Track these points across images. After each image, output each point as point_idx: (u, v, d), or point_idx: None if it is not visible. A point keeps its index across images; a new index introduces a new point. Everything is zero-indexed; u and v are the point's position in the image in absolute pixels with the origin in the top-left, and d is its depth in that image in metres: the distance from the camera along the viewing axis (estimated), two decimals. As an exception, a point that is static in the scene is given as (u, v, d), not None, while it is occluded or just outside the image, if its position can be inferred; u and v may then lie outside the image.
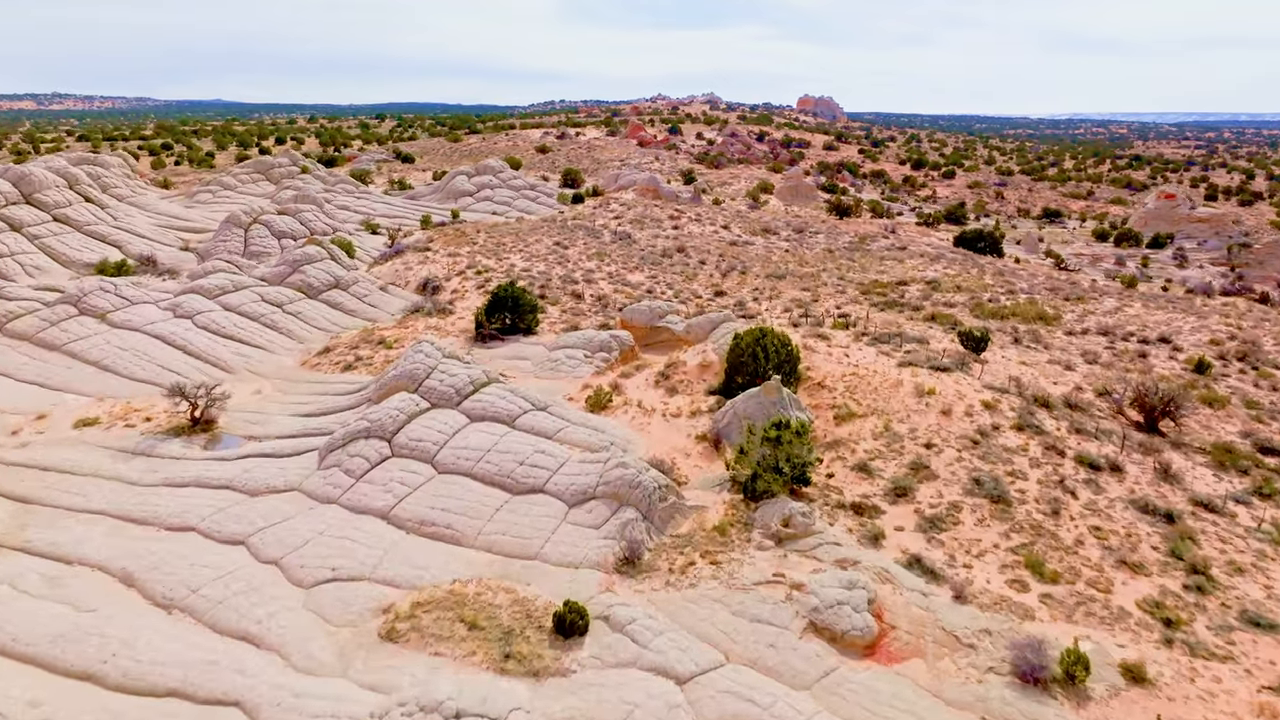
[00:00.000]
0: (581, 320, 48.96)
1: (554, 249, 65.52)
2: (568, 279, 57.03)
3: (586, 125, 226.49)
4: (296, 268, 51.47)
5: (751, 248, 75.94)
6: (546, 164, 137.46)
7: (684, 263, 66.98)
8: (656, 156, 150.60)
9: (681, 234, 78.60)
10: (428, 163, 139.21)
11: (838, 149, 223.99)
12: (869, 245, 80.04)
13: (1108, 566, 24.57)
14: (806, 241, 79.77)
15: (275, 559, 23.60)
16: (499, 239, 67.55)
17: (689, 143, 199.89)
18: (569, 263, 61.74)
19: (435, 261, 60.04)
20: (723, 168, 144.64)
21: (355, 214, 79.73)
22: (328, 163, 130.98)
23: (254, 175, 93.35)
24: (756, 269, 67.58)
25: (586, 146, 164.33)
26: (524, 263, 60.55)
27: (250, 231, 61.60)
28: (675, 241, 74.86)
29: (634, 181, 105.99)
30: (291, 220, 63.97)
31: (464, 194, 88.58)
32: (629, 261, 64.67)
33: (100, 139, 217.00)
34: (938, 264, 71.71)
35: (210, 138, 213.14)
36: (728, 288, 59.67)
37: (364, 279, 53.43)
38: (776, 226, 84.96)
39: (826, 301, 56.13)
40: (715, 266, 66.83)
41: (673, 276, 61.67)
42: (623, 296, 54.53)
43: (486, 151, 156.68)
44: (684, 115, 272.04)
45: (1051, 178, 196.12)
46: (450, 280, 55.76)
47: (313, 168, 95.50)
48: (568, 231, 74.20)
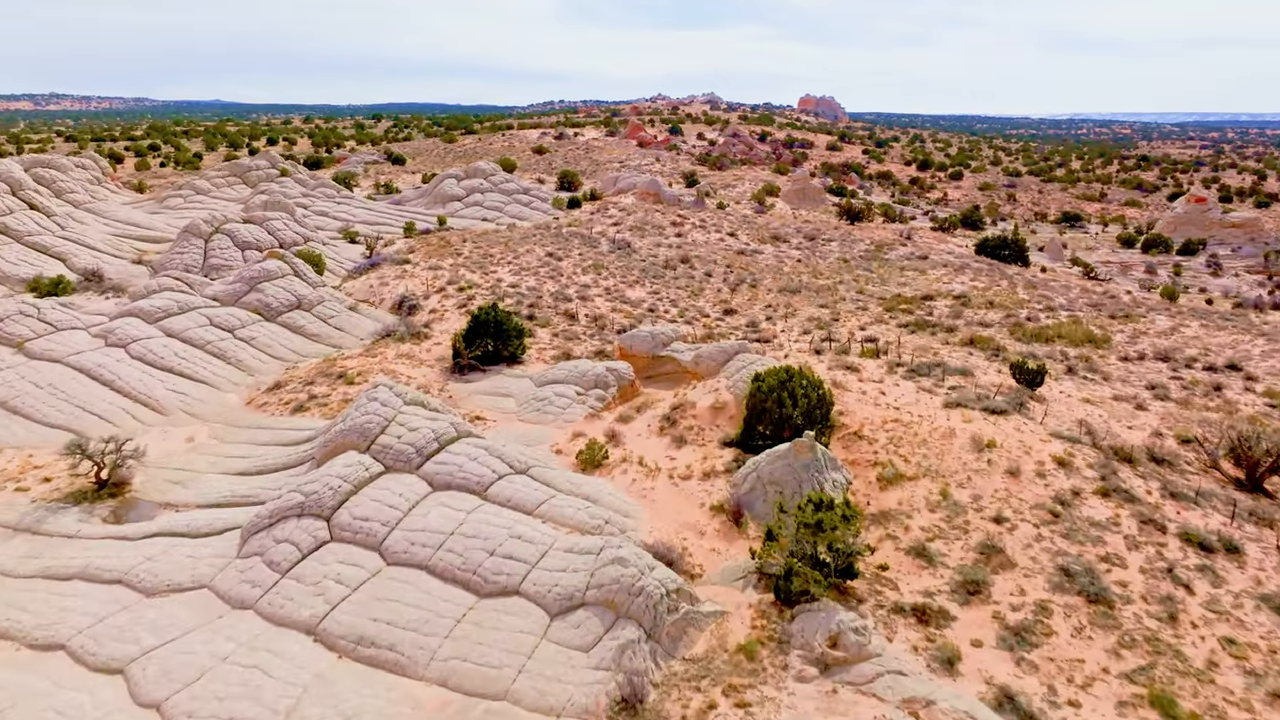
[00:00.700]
0: (575, 345, 43.00)
1: (546, 260, 59.53)
2: (560, 296, 51.05)
3: (585, 126, 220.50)
4: (254, 285, 45.48)
5: (761, 257, 69.98)
6: (543, 166, 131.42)
7: (689, 275, 61.00)
8: (657, 158, 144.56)
9: (685, 242, 72.60)
10: (420, 165, 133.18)
11: (841, 149, 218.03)
12: (886, 253, 74.09)
13: (1258, 703, 18.61)
14: (819, 250, 73.79)
15: (157, 701, 17.62)
16: (486, 249, 61.56)
17: (690, 143, 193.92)
18: (562, 276, 55.76)
19: (414, 276, 54.04)
20: (726, 169, 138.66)
21: (334, 221, 73.72)
22: (314, 164, 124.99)
23: (230, 178, 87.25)
24: (768, 281, 61.69)
25: (585, 147, 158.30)
26: (512, 277, 54.57)
27: (211, 243, 55.59)
28: (679, 251, 68.86)
29: (634, 185, 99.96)
30: (258, 230, 57.94)
31: (452, 199, 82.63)
32: (628, 274, 58.70)
33: (89, 139, 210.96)
34: (963, 275, 65.78)
35: (201, 139, 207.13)
36: (738, 304, 53.68)
37: (332, 297, 47.43)
38: (787, 233, 78.97)
39: (848, 321, 50.18)
40: (723, 279, 60.87)
41: (677, 292, 55.69)
42: (622, 316, 48.56)
43: (481, 153, 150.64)
44: (684, 115, 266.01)
45: (1060, 179, 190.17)
46: (429, 298, 49.76)
47: (293, 170, 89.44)
48: (562, 240, 68.22)
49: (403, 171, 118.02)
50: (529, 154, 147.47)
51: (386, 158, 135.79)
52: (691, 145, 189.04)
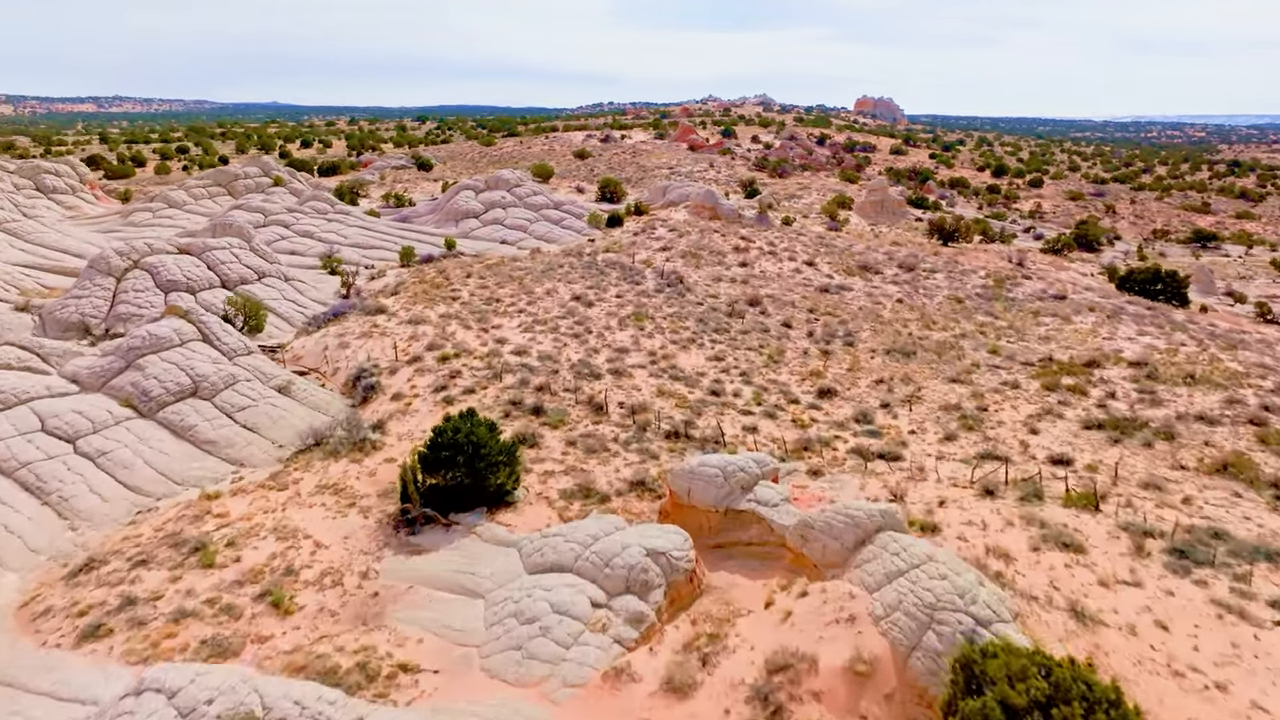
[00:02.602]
0: (600, 467, 27.05)
1: (571, 307, 43.67)
2: (585, 368, 35.11)
3: (633, 128, 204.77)
4: (133, 360, 30.33)
5: (850, 296, 53.34)
6: (584, 172, 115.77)
7: (761, 327, 44.68)
8: (711, 163, 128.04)
9: (753, 274, 56.23)
10: (449, 170, 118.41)
11: (906, 153, 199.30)
12: (1008, 290, 56.94)
13: None
14: (922, 285, 56.91)
15: None
16: (494, 290, 45.86)
17: (744, 147, 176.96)
18: (591, 334, 39.83)
19: (386, 333, 38.48)
20: (787, 176, 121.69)
21: (318, 244, 58.75)
22: (330, 170, 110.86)
23: (212, 189, 72.97)
24: (867, 335, 45.15)
25: (632, 151, 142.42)
26: (521, 335, 38.76)
27: (125, 282, 40.79)
28: (745, 288, 52.56)
29: (686, 196, 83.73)
30: (193, 263, 42.95)
31: (468, 215, 67.32)
32: (681, 327, 42.58)
33: (119, 141, 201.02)
34: (1122, 325, 48.56)
35: (235, 141, 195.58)
36: (834, 377, 37.30)
37: (254, 374, 32.05)
38: (877, 261, 62.15)
39: (1000, 409, 33.59)
40: (808, 332, 44.46)
41: (748, 356, 39.46)
42: (672, 405, 32.47)
43: (519, 157, 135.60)
44: (737, 117, 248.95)
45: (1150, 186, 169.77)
46: (398, 372, 34.16)
47: (289, 180, 74.87)
48: (595, 274, 52.30)
49: (426, 179, 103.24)
50: (570, 159, 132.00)
51: (414, 162, 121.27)
52: (746, 149, 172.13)
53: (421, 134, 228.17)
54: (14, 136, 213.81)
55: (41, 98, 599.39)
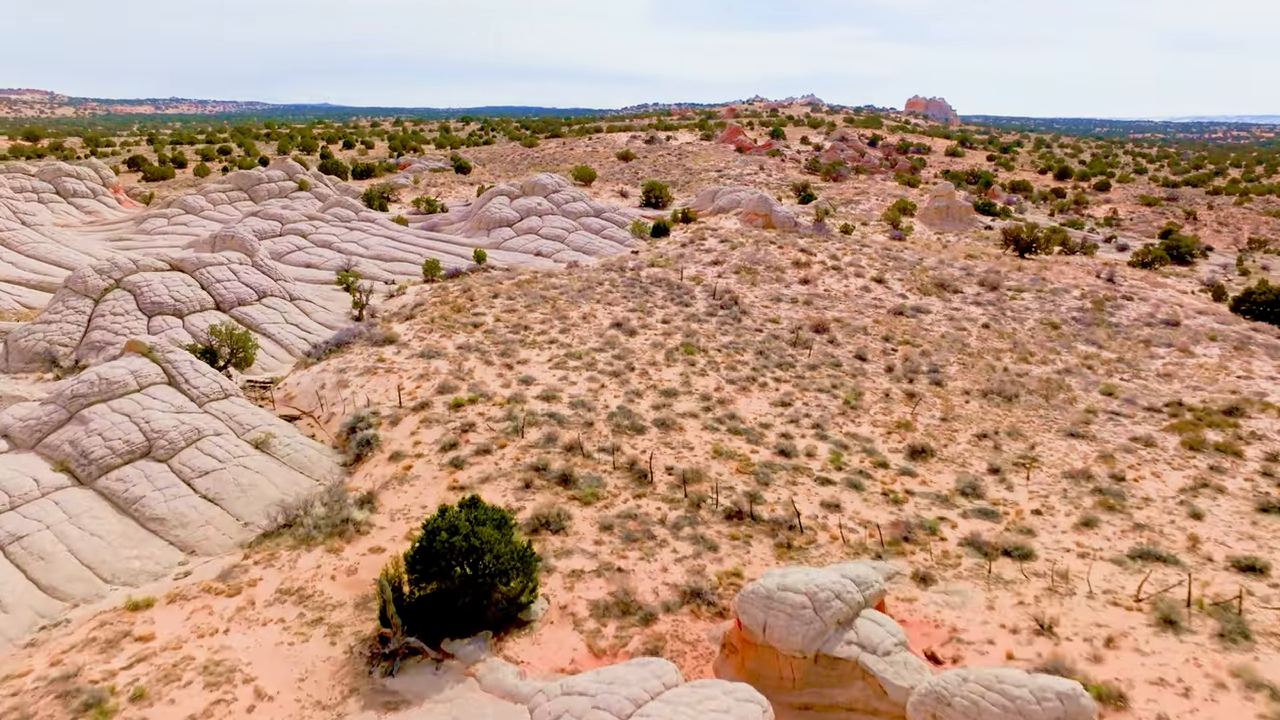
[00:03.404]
0: (643, 565, 20.78)
1: (610, 338, 37.45)
2: (625, 416, 28.83)
3: (678, 128, 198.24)
4: (76, 411, 24.75)
5: (929, 320, 46.39)
6: (628, 175, 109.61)
7: (830, 359, 38.01)
8: (761, 166, 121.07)
9: (816, 294, 49.51)
10: (488, 173, 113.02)
11: (963, 155, 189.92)
12: (1109, 313, 49.50)
13: None
14: (1009, 306, 49.69)
15: None
16: (522, 315, 39.80)
17: (793, 148, 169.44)
18: (633, 371, 33.52)
19: (395, 368, 32.55)
20: (842, 179, 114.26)
21: (335, 255, 53.28)
22: (364, 173, 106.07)
23: (233, 193, 68.12)
24: (954, 369, 38.30)
25: (677, 153, 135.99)
26: (550, 374, 32.56)
27: (104, 304, 35.48)
28: (809, 310, 45.93)
29: (737, 202, 77.16)
30: (184, 282, 37.53)
31: (501, 223, 61.47)
32: (738, 361, 36.11)
33: (165, 142, 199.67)
34: (1252, 358, 41.11)
35: (278, 142, 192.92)
36: (926, 429, 30.58)
37: (226, 423, 26.33)
38: (954, 277, 54.99)
39: (1143, 480, 26.63)
40: (885, 367, 37.70)
41: (820, 400, 32.85)
42: (732, 470, 26.07)
43: (561, 159, 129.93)
44: (785, 117, 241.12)
45: (1226, 190, 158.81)
46: (401, 423, 28.17)
47: (314, 184, 69.75)
48: (639, 293, 46.03)
49: (462, 182, 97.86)
50: (613, 161, 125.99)
51: (452, 165, 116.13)
52: (795, 150, 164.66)
53: (464, 135, 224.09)
54: (66, 137, 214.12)
55: (103, 99, 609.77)
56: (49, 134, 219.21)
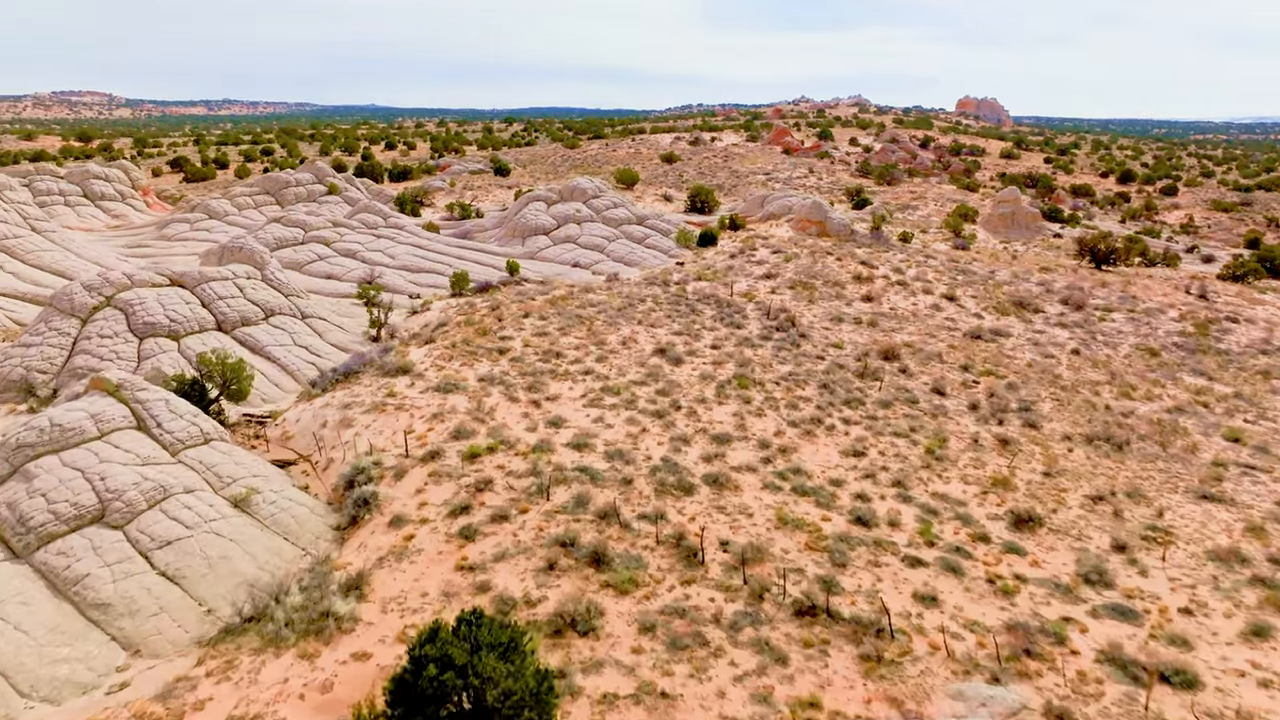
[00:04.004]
0: (692, 688, 16.13)
1: (652, 368, 32.76)
2: (671, 470, 24.16)
3: (723, 129, 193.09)
4: (20, 464, 20.76)
5: (1010, 345, 41.04)
6: (672, 178, 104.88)
7: (903, 393, 32.94)
8: (810, 169, 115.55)
9: (880, 312, 44.38)
10: (527, 175, 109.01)
11: (1018, 157, 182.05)
12: (1214, 337, 43.68)
13: None
14: (1099, 330, 44.08)
15: None
16: (554, 339, 35.27)
17: (842, 150, 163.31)
18: (679, 411, 28.80)
19: (406, 405, 28.21)
20: (896, 183, 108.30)
21: (359, 266, 49.29)
22: (401, 175, 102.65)
23: (259, 196, 64.70)
24: (1047, 406, 33.11)
25: (723, 155, 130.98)
26: (583, 415, 27.96)
27: (92, 324, 31.70)
28: (875, 333, 40.88)
29: (789, 208, 72.09)
30: (182, 299, 33.63)
31: (536, 231, 57.12)
32: (799, 398, 31.21)
33: (211, 142, 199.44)
34: (1397, 397, 35.17)
35: (321, 142, 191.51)
36: (1027, 487, 25.45)
37: (202, 475, 22.20)
38: (1032, 294, 49.44)
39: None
40: (969, 404, 32.55)
41: (897, 447, 27.87)
42: (800, 545, 21.25)
43: (603, 161, 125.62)
44: (832, 118, 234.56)
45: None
46: (407, 476, 23.78)
47: (344, 187, 66.09)
48: (684, 312, 41.31)
49: (500, 185, 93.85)
50: (657, 163, 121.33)
51: (491, 167, 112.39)
52: (844, 152, 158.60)
53: (507, 136, 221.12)
54: (117, 138, 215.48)
55: (158, 101, 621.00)
56: (101, 135, 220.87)
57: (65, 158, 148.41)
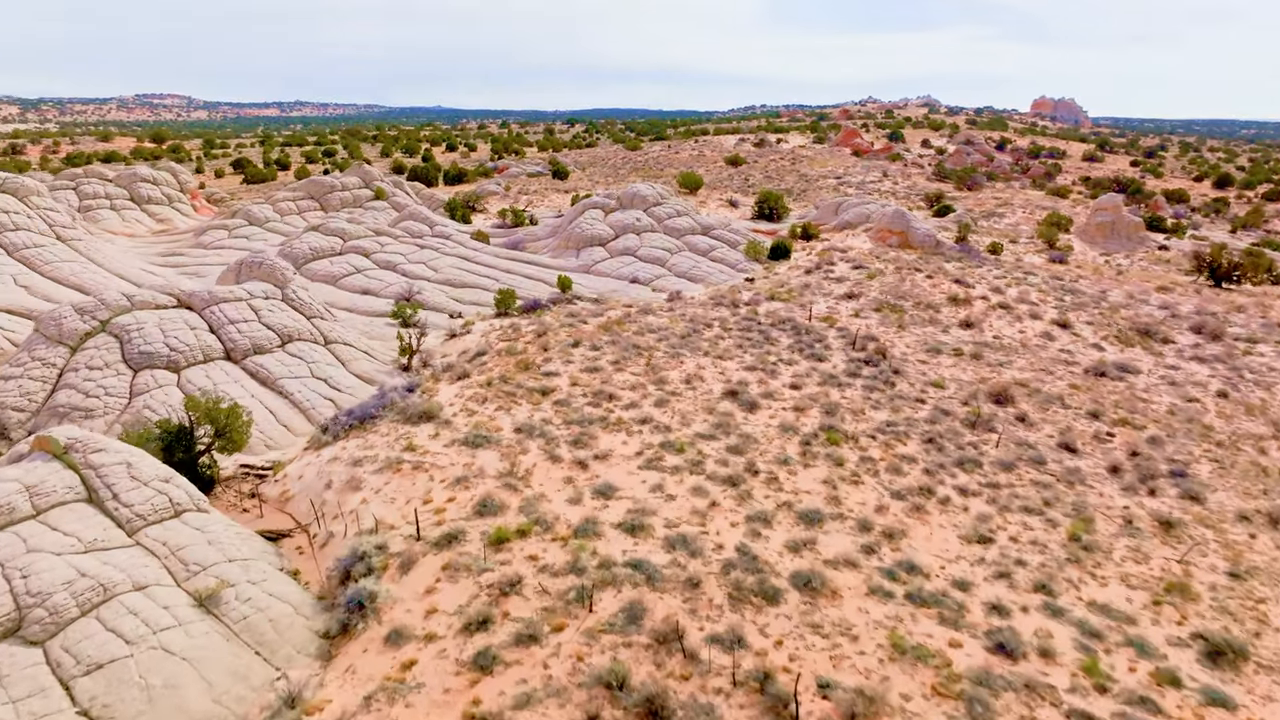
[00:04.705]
0: None
1: (723, 416, 27.31)
2: (748, 567, 18.73)
3: (789, 130, 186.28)
4: (-74, 557, 16.35)
5: (1141, 384, 34.55)
6: (737, 182, 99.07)
7: (1027, 451, 26.90)
8: (884, 172, 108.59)
9: (983, 342, 38.20)
10: (586, 178, 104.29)
11: (1102, 160, 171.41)
12: (1387, 378, 36.46)
13: None
14: (1243, 365, 37.22)
15: None
16: (606, 376, 30.04)
17: (913, 152, 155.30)
18: (755, 475, 23.30)
19: (425, 464, 23.25)
20: (978, 187, 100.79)
21: (399, 279, 44.81)
22: (456, 178, 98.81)
23: (302, 201, 60.97)
24: (1205, 469, 26.76)
25: (790, 158, 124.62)
26: (639, 481, 22.62)
27: (81, 354, 27.63)
28: (979, 367, 34.79)
29: (866, 216, 65.90)
30: (189, 323, 29.39)
31: (592, 241, 52.10)
32: (902, 458, 25.45)
33: (275, 143, 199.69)
34: None
35: (383, 144, 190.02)
36: (1209, 592, 19.30)
37: (164, 562, 17.65)
38: (1154, 319, 42.69)
39: None
40: (1106, 465, 26.40)
41: (1031, 529, 21.93)
42: (923, 683, 15.57)
43: (665, 163, 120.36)
44: (902, 119, 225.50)
45: None
46: (416, 567, 18.80)
47: (391, 192, 62.04)
48: (757, 341, 35.75)
49: (558, 189, 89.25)
50: (721, 165, 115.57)
51: (550, 169, 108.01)
52: (917, 155, 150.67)
53: (568, 137, 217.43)
54: (188, 140, 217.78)
55: (233, 103, 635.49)
56: (174, 136, 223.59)
57: (135, 158, 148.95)
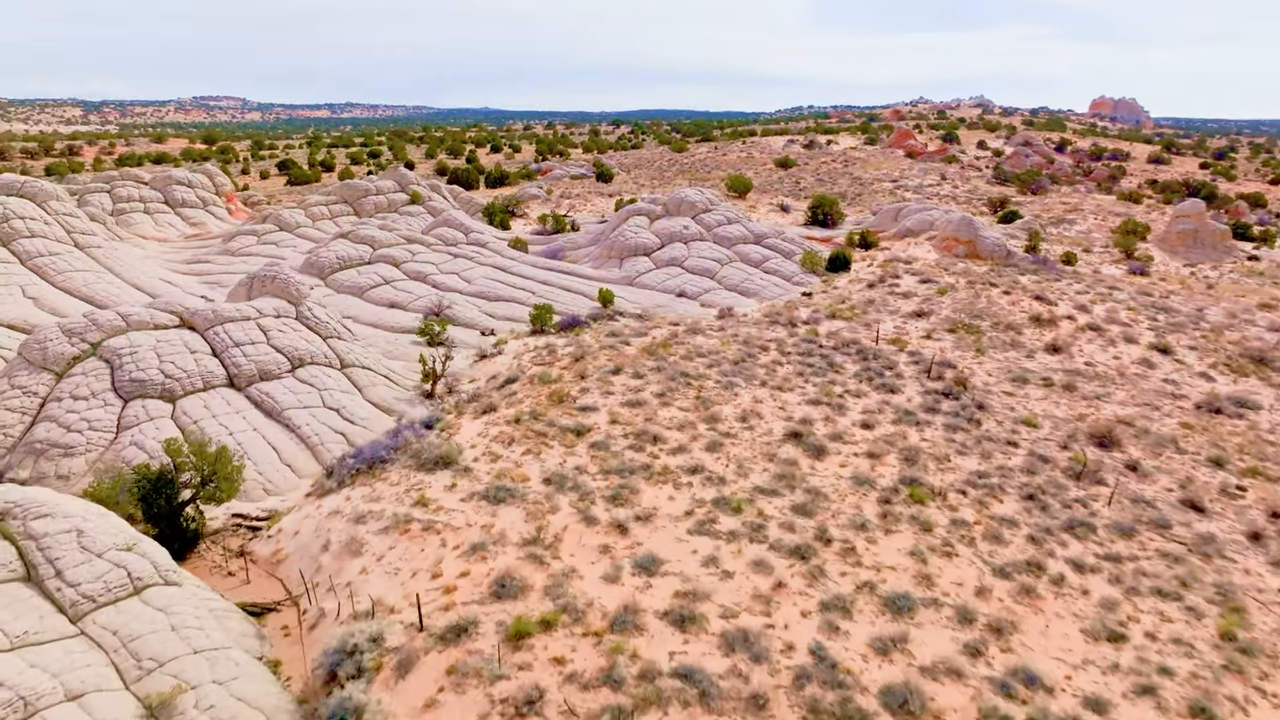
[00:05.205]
0: None
1: (785, 464, 23.35)
2: (825, 675, 14.85)
3: (838, 132, 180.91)
4: None
5: (1265, 422, 29.85)
6: (788, 185, 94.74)
7: (1148, 515, 22.52)
8: (943, 175, 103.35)
9: (1075, 370, 33.70)
10: (631, 181, 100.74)
11: (1169, 162, 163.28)
12: None
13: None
14: (1383, 401, 32.24)
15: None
16: (649, 412, 26.23)
17: (969, 154, 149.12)
18: (827, 544, 19.36)
19: (436, 525, 19.73)
20: (1043, 192, 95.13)
21: (431, 292, 41.59)
22: (496, 180, 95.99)
23: (335, 205, 58.25)
24: (1367, 542, 22.07)
25: (842, 159, 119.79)
26: (688, 551, 18.76)
27: (67, 381, 24.71)
28: (1073, 401, 30.34)
29: (929, 223, 61.34)
30: (190, 345, 26.38)
31: (636, 251, 48.38)
32: (1001, 521, 21.27)
33: (322, 144, 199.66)
34: None
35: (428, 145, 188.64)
36: None
37: (112, 654, 14.41)
38: (1268, 345, 37.74)
39: None
40: (1245, 532, 21.91)
41: (1169, 622, 17.66)
42: None
43: (713, 166, 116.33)
44: (956, 120, 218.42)
45: None
46: (415, 669, 15.27)
47: (427, 195, 59.06)
48: (820, 368, 31.71)
49: (601, 193, 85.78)
50: (770, 168, 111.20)
51: (594, 172, 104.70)
52: (973, 156, 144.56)
53: (613, 139, 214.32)
54: (238, 141, 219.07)
55: (286, 105, 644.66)
56: (224, 137, 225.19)
57: (185, 159, 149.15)
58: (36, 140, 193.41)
